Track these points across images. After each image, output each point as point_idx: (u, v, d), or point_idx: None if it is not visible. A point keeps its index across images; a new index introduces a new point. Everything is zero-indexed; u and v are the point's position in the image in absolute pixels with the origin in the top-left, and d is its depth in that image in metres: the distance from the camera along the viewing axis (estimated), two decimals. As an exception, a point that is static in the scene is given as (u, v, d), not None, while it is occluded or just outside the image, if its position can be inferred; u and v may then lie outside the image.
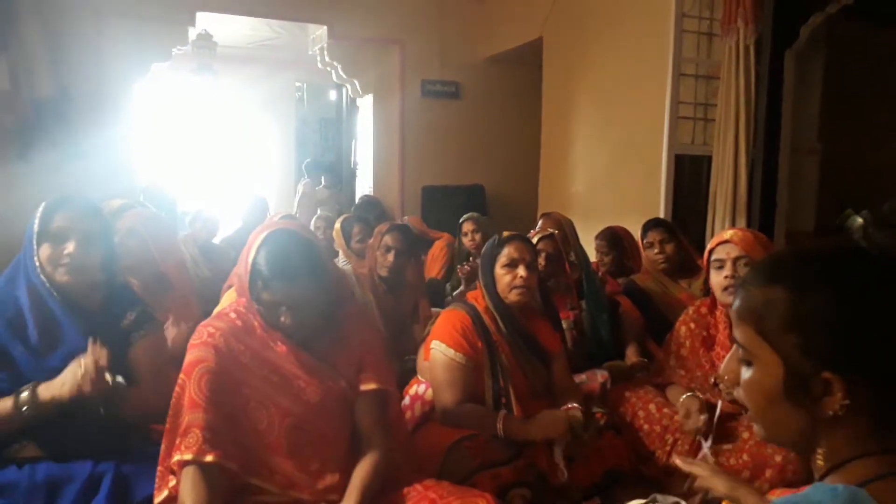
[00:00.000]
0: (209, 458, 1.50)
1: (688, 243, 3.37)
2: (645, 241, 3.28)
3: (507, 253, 2.27)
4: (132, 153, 4.82)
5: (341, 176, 7.74)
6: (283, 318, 1.61)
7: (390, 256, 2.93)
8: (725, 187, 3.86)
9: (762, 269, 0.89)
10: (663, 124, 4.18)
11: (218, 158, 9.04)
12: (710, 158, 4.07)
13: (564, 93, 5.29)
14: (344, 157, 9.41)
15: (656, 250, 3.22)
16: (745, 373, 0.89)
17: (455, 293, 3.64)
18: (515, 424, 2.10)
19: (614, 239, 3.65)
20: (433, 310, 3.19)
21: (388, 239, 2.97)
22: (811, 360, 0.81)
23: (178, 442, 1.53)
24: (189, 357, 1.62)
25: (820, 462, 0.84)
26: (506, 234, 2.37)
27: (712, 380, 2.24)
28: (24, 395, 1.68)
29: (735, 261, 2.24)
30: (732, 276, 2.24)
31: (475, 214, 4.20)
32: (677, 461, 1.53)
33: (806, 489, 0.81)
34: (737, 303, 0.90)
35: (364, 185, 6.95)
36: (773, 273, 0.87)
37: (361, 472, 1.62)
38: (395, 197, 6.36)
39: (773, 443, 0.92)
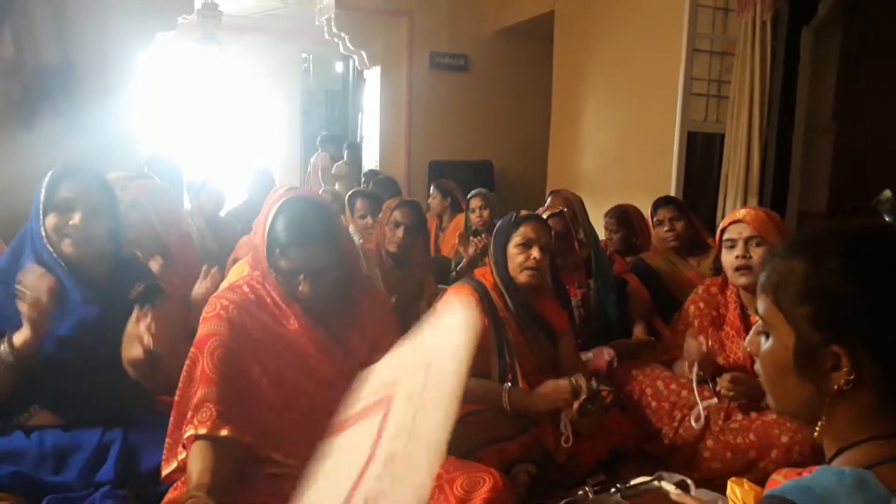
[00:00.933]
0: (224, 432, 1.50)
1: (698, 222, 3.33)
2: (655, 219, 3.24)
3: (522, 233, 2.25)
4: (136, 123, 4.78)
5: (360, 152, 7.67)
6: (301, 287, 1.59)
7: (399, 232, 2.90)
8: (738, 166, 3.82)
9: (788, 242, 0.91)
10: (676, 101, 4.13)
11: (222, 130, 8.99)
12: (722, 136, 4.03)
13: (575, 67, 5.22)
14: (350, 131, 9.35)
15: (666, 228, 3.19)
16: (763, 344, 0.91)
17: (458, 268, 3.62)
18: (521, 396, 2.10)
19: (623, 217, 3.62)
20: (440, 286, 3.18)
21: (397, 214, 2.93)
22: (821, 333, 0.82)
23: (189, 416, 1.53)
24: (202, 330, 1.61)
25: (817, 434, 0.85)
26: (523, 213, 2.35)
27: (720, 359, 2.23)
28: (1, 347, 1.66)
29: (747, 241, 2.21)
30: (744, 257, 2.21)
31: (483, 190, 4.17)
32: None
33: (813, 471, 0.81)
34: (762, 275, 0.91)
35: (370, 160, 6.90)
36: (795, 246, 0.88)
37: None
38: (402, 172, 6.31)
39: (782, 413, 0.94)
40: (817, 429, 0.85)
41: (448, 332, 0.99)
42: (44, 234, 1.79)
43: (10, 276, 1.81)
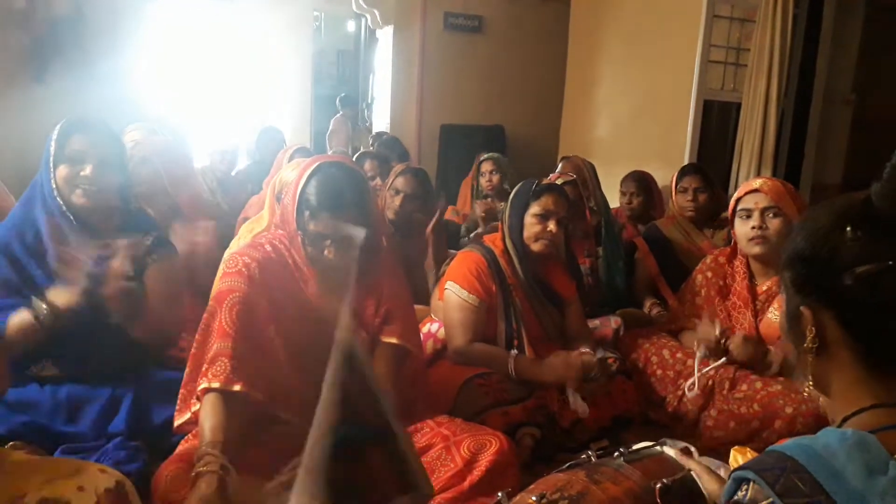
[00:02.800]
0: (236, 387, 1.51)
1: (724, 196, 3.28)
2: (679, 186, 3.18)
3: (542, 203, 2.23)
4: (146, 78, 4.75)
5: (371, 113, 7.57)
6: (326, 252, 1.60)
7: (398, 200, 2.88)
8: (753, 136, 3.77)
9: (799, 221, 0.94)
10: (693, 68, 4.06)
11: (232, 88, 8.91)
12: (738, 105, 3.97)
13: (592, 32, 5.13)
14: (361, 92, 9.26)
15: (689, 197, 3.13)
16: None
17: (472, 235, 3.61)
18: (527, 365, 2.11)
19: (645, 181, 3.59)
20: (448, 251, 3.17)
21: (398, 182, 2.91)
22: (797, 295, 0.88)
23: (204, 368, 1.55)
24: (222, 285, 1.62)
25: (806, 392, 0.92)
26: (544, 181, 2.34)
27: (722, 340, 2.22)
28: (40, 304, 1.68)
29: (763, 211, 2.19)
30: (760, 227, 2.19)
31: (495, 154, 4.13)
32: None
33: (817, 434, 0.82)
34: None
35: (380, 122, 6.84)
36: (800, 225, 0.92)
37: None
38: (413, 135, 6.25)
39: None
40: (806, 389, 0.91)
41: None
42: (54, 186, 1.79)
43: (22, 228, 1.82)
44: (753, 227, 2.19)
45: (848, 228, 0.83)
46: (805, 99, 3.97)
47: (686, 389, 2.20)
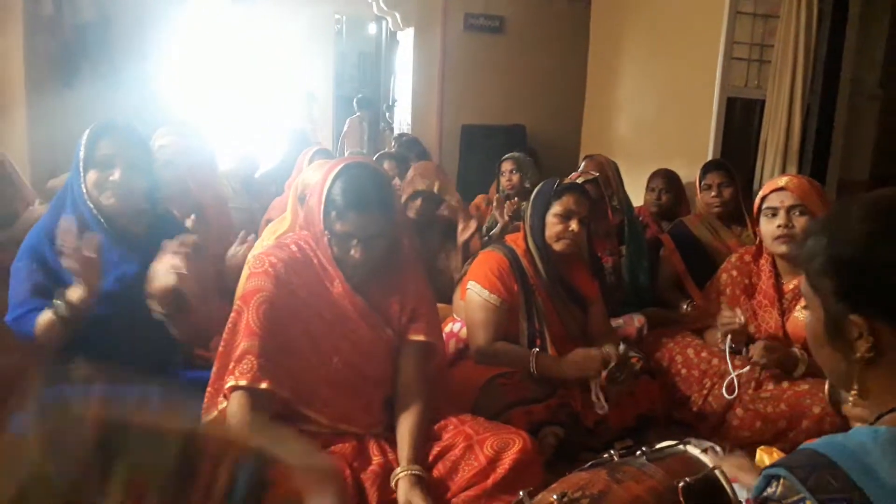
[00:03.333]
0: (263, 385, 1.54)
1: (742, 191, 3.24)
2: (703, 183, 3.13)
3: (564, 203, 2.23)
4: (171, 82, 4.82)
5: (393, 114, 7.59)
6: (353, 252, 1.62)
7: (418, 202, 2.86)
8: (777, 133, 3.72)
9: (818, 219, 0.94)
10: (716, 65, 4.02)
11: (255, 92, 9.00)
12: (762, 102, 3.92)
13: (613, 30, 5.10)
14: (383, 94, 9.30)
15: (714, 193, 3.08)
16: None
17: (490, 233, 3.61)
18: (549, 362, 2.11)
19: (674, 178, 3.55)
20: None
21: (417, 181, 2.88)
22: (842, 303, 0.85)
23: (231, 367, 1.57)
24: (248, 285, 1.64)
25: (851, 400, 0.89)
26: (566, 181, 2.33)
27: (752, 328, 2.20)
28: (57, 301, 1.71)
29: (789, 209, 2.16)
30: (786, 226, 2.16)
31: (516, 154, 4.13)
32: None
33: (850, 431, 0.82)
34: (800, 253, 0.94)
35: (402, 123, 6.86)
36: (822, 221, 0.91)
37: (409, 424, 1.65)
38: (434, 135, 6.26)
39: (832, 382, 0.96)
40: (850, 397, 0.88)
41: None
42: (84, 190, 1.83)
43: (53, 232, 1.86)
44: (779, 226, 2.17)
45: None
46: (831, 94, 3.90)
47: (724, 391, 2.18)
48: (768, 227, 2.21)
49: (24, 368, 1.39)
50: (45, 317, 1.72)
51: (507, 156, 4.11)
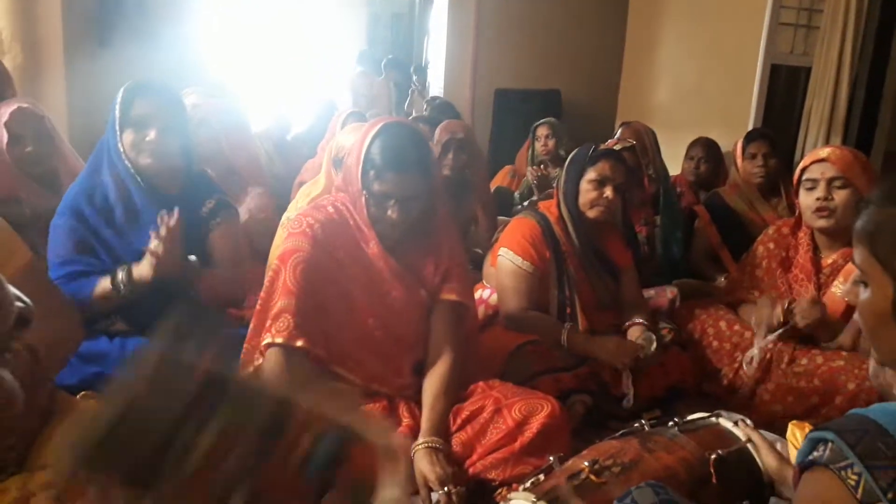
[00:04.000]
0: (299, 343, 1.56)
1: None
2: (747, 152, 3.05)
3: (599, 169, 2.19)
4: (205, 43, 4.83)
5: (425, 78, 7.50)
6: (390, 212, 1.63)
7: (450, 155, 2.87)
8: (823, 102, 3.60)
9: (883, 190, 0.89)
10: (761, 30, 3.89)
11: (288, 53, 8.98)
12: (808, 70, 3.79)
13: (654, -8, 4.95)
14: (415, 56, 9.20)
15: (759, 163, 3.00)
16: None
17: (526, 203, 3.59)
18: (580, 339, 2.10)
19: (714, 148, 3.48)
20: (501, 218, 3.16)
21: (444, 138, 2.89)
22: None
23: (268, 324, 1.60)
24: (286, 245, 1.66)
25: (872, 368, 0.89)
26: (601, 147, 2.30)
27: (786, 303, 2.16)
28: (121, 275, 1.78)
29: (830, 181, 2.10)
30: (825, 199, 2.10)
31: (551, 119, 4.09)
32: None
33: None
34: (857, 224, 0.89)
35: (434, 86, 6.78)
36: (890, 193, 0.87)
37: (435, 389, 1.66)
38: (466, 99, 6.18)
39: (887, 365, 0.92)
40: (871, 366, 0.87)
41: None
42: (121, 149, 1.86)
43: (91, 190, 1.89)
44: (818, 199, 2.11)
45: None
46: (880, 63, 3.76)
47: (744, 363, 2.15)
48: (807, 200, 2.15)
49: (70, 327, 1.44)
50: (103, 286, 1.78)
51: (542, 120, 4.07)
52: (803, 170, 2.18)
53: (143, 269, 1.76)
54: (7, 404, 0.79)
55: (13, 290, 0.79)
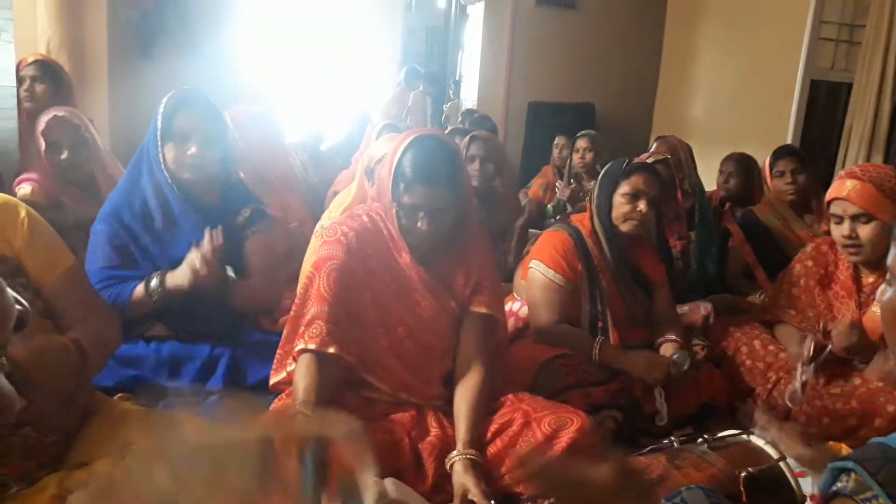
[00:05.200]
0: (331, 349, 1.58)
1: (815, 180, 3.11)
2: (775, 170, 3.03)
3: (633, 182, 2.18)
4: (244, 56, 4.92)
5: (459, 90, 7.54)
6: (419, 224, 1.64)
7: (475, 165, 2.89)
8: (864, 119, 3.54)
9: None
10: (801, 45, 3.84)
11: (324, 65, 9.10)
12: (849, 86, 3.73)
13: (691, 4, 4.92)
14: (449, 70, 9.25)
15: (788, 180, 2.97)
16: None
17: (558, 217, 3.58)
18: (612, 353, 2.09)
19: (745, 164, 3.43)
20: (532, 231, 3.16)
21: (472, 148, 2.93)
22: None
23: (301, 331, 1.62)
24: (322, 252, 1.69)
25: None
26: (636, 161, 2.29)
27: (822, 325, 2.11)
28: (154, 282, 1.82)
29: (853, 218, 2.06)
30: (849, 237, 2.06)
31: (592, 132, 4.08)
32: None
33: None
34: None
35: (467, 99, 6.82)
36: None
37: (467, 402, 1.65)
38: (500, 112, 6.20)
39: None
40: None
41: None
42: (162, 161, 1.90)
43: (131, 197, 1.94)
44: (844, 236, 2.08)
45: None
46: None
47: (787, 400, 2.09)
48: (835, 233, 2.13)
49: (110, 330, 1.48)
50: (138, 293, 1.82)
51: (582, 133, 4.06)
52: (829, 202, 2.14)
53: (178, 279, 1.79)
54: (3, 410, 0.82)
55: (11, 292, 0.81)
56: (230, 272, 1.93)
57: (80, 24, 3.62)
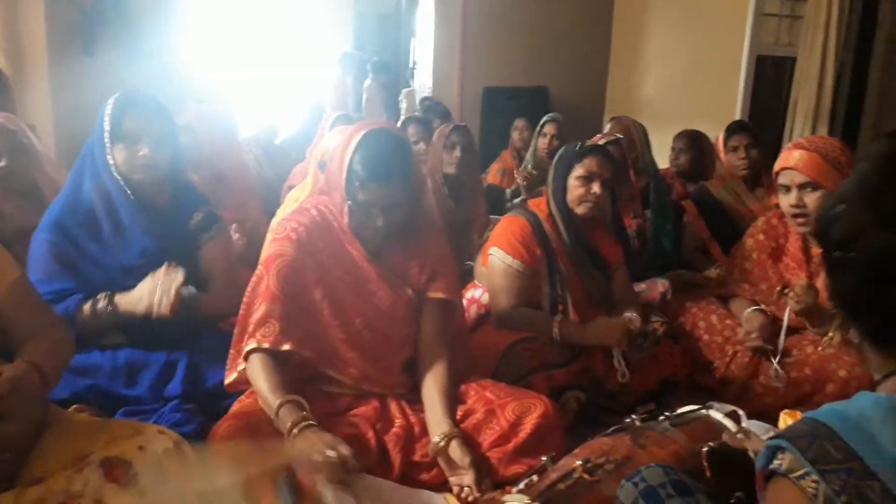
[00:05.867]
0: (286, 346, 1.57)
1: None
2: (728, 145, 3.09)
3: (586, 165, 2.20)
4: (190, 51, 4.81)
5: (413, 77, 7.46)
6: (376, 220, 1.63)
7: (456, 153, 2.91)
8: (809, 92, 3.62)
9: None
10: (746, 22, 3.90)
11: (273, 55, 8.94)
12: (794, 60, 3.80)
13: (638, -14, 4.96)
14: (402, 57, 9.18)
15: (742, 155, 3.04)
16: None
17: (516, 200, 3.59)
18: (571, 328, 2.11)
19: (696, 140, 3.50)
20: (492, 217, 3.17)
21: (454, 136, 2.95)
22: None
23: (251, 329, 1.60)
24: (270, 249, 1.67)
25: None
26: (587, 144, 2.30)
27: (779, 289, 2.17)
28: (101, 304, 1.77)
29: (800, 187, 2.11)
30: (797, 206, 2.11)
31: (558, 116, 4.08)
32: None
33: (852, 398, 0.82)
34: None
35: (422, 87, 6.77)
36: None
37: (438, 387, 1.65)
38: (455, 98, 6.17)
39: None
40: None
41: None
42: (111, 162, 1.84)
43: (74, 203, 1.87)
44: (792, 206, 2.13)
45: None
46: (865, 51, 3.77)
47: (772, 382, 2.13)
48: (783, 203, 2.19)
49: (62, 339, 1.43)
50: (87, 310, 1.77)
51: (550, 117, 4.06)
52: (777, 173, 2.19)
53: (132, 304, 1.76)
54: None
55: None
56: (192, 290, 1.88)
57: (16, 24, 3.50)
